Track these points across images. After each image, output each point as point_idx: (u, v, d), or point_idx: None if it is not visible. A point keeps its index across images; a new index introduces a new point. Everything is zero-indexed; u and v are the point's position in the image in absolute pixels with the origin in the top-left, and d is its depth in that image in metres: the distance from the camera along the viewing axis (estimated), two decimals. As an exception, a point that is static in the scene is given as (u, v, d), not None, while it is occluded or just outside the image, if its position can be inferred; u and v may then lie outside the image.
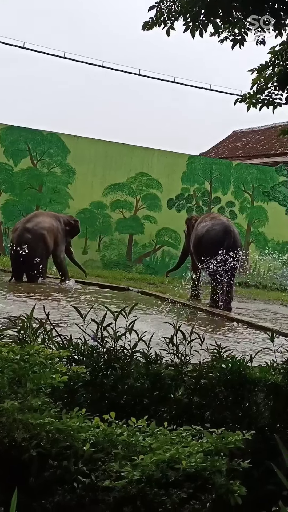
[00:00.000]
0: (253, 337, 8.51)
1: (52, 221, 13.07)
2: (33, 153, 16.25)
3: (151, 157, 17.34)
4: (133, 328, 3.33)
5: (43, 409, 2.53)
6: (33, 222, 12.89)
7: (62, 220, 13.30)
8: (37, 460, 2.40)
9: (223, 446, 2.38)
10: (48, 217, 13.25)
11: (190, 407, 3.11)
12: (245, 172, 18.42)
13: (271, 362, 3.44)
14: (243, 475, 2.41)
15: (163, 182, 17.33)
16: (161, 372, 3.18)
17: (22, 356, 2.68)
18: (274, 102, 4.79)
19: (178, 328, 3.39)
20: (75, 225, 13.55)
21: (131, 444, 2.41)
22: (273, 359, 3.48)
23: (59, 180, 16.48)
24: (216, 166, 18.23)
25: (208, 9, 4.24)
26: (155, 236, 17.27)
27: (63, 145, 16.49)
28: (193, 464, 2.29)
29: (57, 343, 3.27)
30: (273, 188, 18.49)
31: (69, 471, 2.38)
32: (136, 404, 3.06)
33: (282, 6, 4.24)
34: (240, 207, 18.20)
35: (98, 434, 2.47)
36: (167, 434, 2.46)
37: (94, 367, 3.14)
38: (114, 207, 16.73)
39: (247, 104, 4.89)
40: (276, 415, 3.19)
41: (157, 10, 4.46)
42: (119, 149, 17.06)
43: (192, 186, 17.71)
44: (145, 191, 17.20)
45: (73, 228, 13.50)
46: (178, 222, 17.44)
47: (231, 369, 3.16)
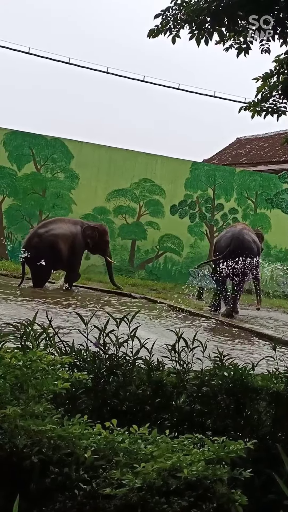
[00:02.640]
0: (255, 345, 8.50)
1: (70, 228, 12.95)
2: (37, 158, 16.29)
3: (155, 163, 17.36)
4: (135, 334, 3.33)
5: (45, 416, 2.52)
6: (47, 227, 12.89)
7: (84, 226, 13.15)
8: (39, 466, 2.40)
9: (224, 455, 2.37)
10: (66, 224, 13.15)
11: (191, 415, 3.10)
12: (249, 179, 18.43)
13: (273, 370, 3.43)
14: (244, 484, 2.41)
15: (166, 188, 17.35)
16: (163, 379, 3.17)
17: (25, 362, 2.67)
18: (279, 110, 4.80)
19: (180, 335, 3.39)
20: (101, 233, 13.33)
21: (133, 451, 2.40)
22: (276, 367, 3.47)
23: (63, 185, 16.50)
24: (219, 172, 18.24)
25: (214, 17, 4.25)
26: (157, 242, 17.27)
27: (67, 150, 16.53)
28: (194, 473, 2.28)
29: (60, 349, 3.27)
30: (276, 195, 18.49)
31: (70, 478, 2.37)
32: (137, 411, 3.06)
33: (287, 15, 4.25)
34: (243, 214, 18.20)
35: (100, 441, 2.47)
36: (168, 442, 2.46)
37: (96, 373, 3.14)
38: (117, 213, 16.75)
39: (252, 112, 4.90)
40: (278, 424, 3.19)
41: (162, 18, 4.48)
42: (123, 155, 17.08)
43: (195, 192, 17.72)
44: (148, 197, 17.21)
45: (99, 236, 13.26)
46: (181, 228, 17.45)
47: (233, 377, 3.16)
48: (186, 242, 17.51)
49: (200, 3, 4.23)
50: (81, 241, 13.00)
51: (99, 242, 13.33)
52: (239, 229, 12.54)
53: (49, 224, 13.14)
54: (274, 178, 18.72)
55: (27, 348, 3.09)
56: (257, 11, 4.08)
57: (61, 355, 3.13)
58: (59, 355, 3.13)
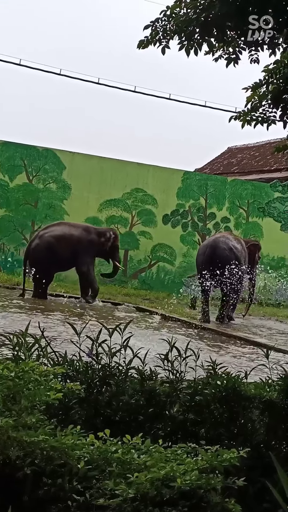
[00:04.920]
0: (248, 353, 8.50)
1: (74, 231, 12.76)
2: (29, 169, 16.29)
3: (146, 173, 17.41)
4: (128, 344, 3.33)
5: (38, 427, 2.52)
6: (48, 229, 12.84)
7: (92, 231, 12.94)
8: (31, 478, 2.39)
9: (218, 464, 2.37)
10: (70, 227, 13.01)
11: (185, 424, 3.10)
12: (240, 188, 18.50)
13: (266, 378, 3.44)
14: (238, 493, 2.40)
15: (158, 198, 17.39)
16: (156, 388, 3.17)
17: (17, 373, 2.67)
18: (268, 119, 4.83)
19: (173, 345, 3.39)
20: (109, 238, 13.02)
21: (126, 461, 2.40)
22: (269, 375, 3.48)
23: (55, 195, 16.51)
24: (211, 182, 18.30)
25: (203, 28, 4.29)
26: (150, 251, 17.28)
27: (58, 161, 16.55)
28: (188, 482, 2.27)
29: (52, 360, 3.26)
30: (268, 204, 18.56)
31: (63, 489, 2.36)
32: (131, 421, 3.05)
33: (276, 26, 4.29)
34: (235, 222, 18.25)
35: (93, 451, 2.46)
36: (162, 452, 2.45)
37: (89, 383, 3.13)
38: (110, 223, 16.74)
39: (242, 122, 4.94)
40: (271, 432, 3.18)
41: (152, 29, 4.51)
42: (114, 165, 17.12)
43: (188, 202, 17.77)
44: (140, 207, 17.24)
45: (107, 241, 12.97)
46: (174, 238, 17.47)
47: (226, 386, 3.16)
48: (178, 251, 17.53)
49: (189, 14, 4.26)
50: (87, 245, 12.69)
51: (108, 247, 13.04)
52: (214, 237, 12.60)
53: (52, 226, 13.11)
54: (265, 186, 18.80)
55: (19, 359, 3.08)
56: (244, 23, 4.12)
57: (53, 365, 3.12)
58: (52, 365, 3.12)
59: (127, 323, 3.44)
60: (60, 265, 12.71)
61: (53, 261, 12.32)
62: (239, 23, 4.21)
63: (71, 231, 12.78)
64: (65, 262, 12.60)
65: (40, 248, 12.34)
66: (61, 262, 12.53)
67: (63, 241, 12.49)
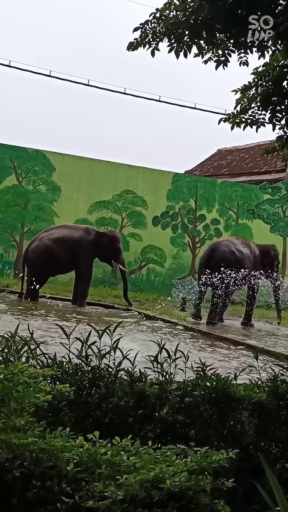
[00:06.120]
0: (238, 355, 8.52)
1: (73, 233, 12.68)
2: (19, 171, 16.26)
3: (136, 174, 17.42)
4: (117, 346, 3.33)
5: (27, 429, 2.50)
6: (48, 232, 12.82)
7: (93, 233, 12.86)
8: (20, 480, 2.38)
9: (207, 465, 2.37)
10: (69, 229, 12.95)
11: (174, 426, 3.10)
12: (230, 190, 18.56)
13: (256, 380, 3.45)
14: (227, 494, 2.40)
15: (148, 199, 17.40)
16: (146, 390, 3.17)
17: (6, 375, 2.65)
18: (258, 121, 4.85)
19: (162, 346, 3.39)
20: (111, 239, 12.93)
21: (115, 463, 2.39)
22: (258, 376, 3.48)
23: (45, 197, 16.48)
24: (201, 184, 18.35)
25: (192, 30, 4.30)
26: (140, 253, 17.29)
27: (48, 162, 16.53)
28: (177, 484, 2.27)
29: (42, 362, 3.25)
30: (257, 206, 18.63)
31: (52, 492, 2.35)
32: (120, 423, 3.04)
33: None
34: (225, 224, 18.31)
35: (82, 453, 2.45)
36: (151, 453, 2.45)
37: (79, 385, 3.12)
38: (100, 225, 16.74)
39: (231, 124, 4.96)
40: (261, 433, 3.19)
41: (141, 31, 4.51)
42: (104, 166, 17.12)
43: (177, 203, 17.80)
44: (130, 209, 17.25)
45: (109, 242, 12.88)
46: (164, 240, 17.50)
47: (216, 387, 3.16)
48: (168, 253, 17.56)
49: (178, 17, 4.28)
50: (87, 247, 12.57)
51: (109, 249, 12.91)
52: (218, 240, 12.87)
53: (52, 229, 13.14)
54: (255, 188, 18.87)
55: (8, 361, 3.07)
56: (234, 25, 4.14)
57: (43, 367, 3.11)
58: (41, 367, 3.11)
59: (117, 325, 3.44)
60: (59, 268, 12.68)
61: (51, 263, 12.29)
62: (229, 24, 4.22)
63: (70, 233, 12.74)
64: (64, 265, 12.55)
65: (38, 250, 12.34)
66: (60, 265, 12.50)
67: (62, 243, 12.45)
